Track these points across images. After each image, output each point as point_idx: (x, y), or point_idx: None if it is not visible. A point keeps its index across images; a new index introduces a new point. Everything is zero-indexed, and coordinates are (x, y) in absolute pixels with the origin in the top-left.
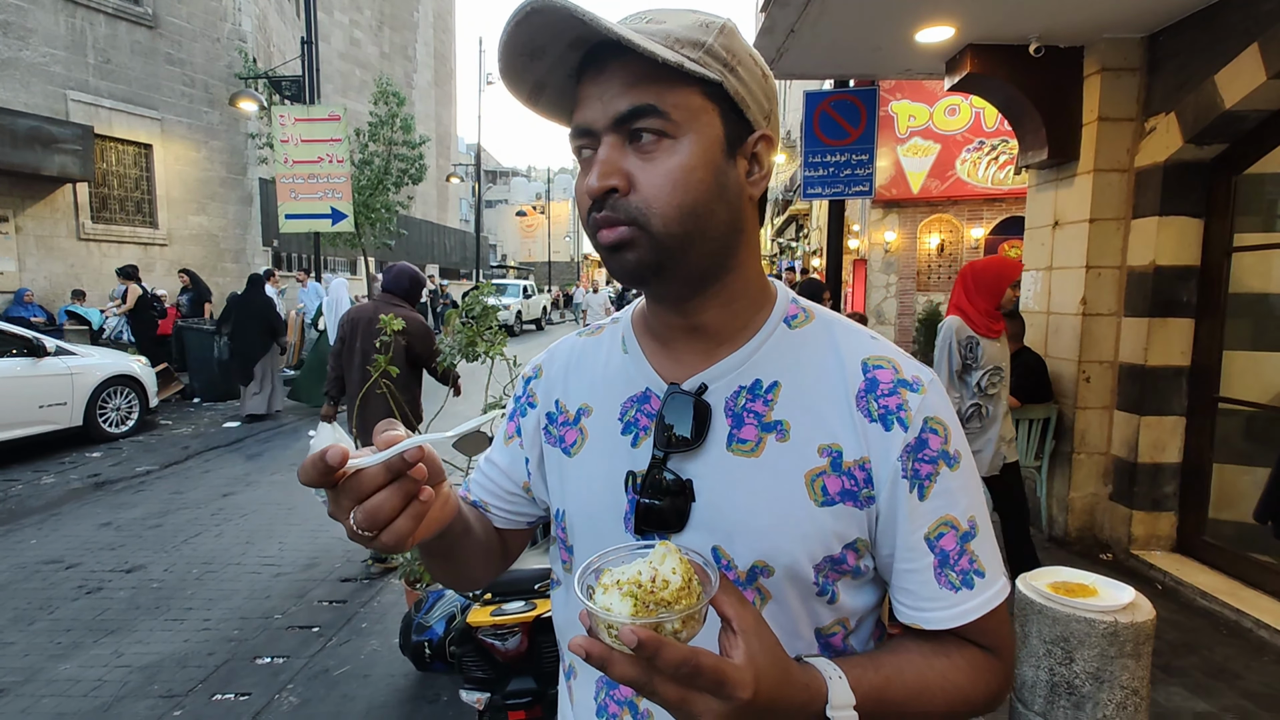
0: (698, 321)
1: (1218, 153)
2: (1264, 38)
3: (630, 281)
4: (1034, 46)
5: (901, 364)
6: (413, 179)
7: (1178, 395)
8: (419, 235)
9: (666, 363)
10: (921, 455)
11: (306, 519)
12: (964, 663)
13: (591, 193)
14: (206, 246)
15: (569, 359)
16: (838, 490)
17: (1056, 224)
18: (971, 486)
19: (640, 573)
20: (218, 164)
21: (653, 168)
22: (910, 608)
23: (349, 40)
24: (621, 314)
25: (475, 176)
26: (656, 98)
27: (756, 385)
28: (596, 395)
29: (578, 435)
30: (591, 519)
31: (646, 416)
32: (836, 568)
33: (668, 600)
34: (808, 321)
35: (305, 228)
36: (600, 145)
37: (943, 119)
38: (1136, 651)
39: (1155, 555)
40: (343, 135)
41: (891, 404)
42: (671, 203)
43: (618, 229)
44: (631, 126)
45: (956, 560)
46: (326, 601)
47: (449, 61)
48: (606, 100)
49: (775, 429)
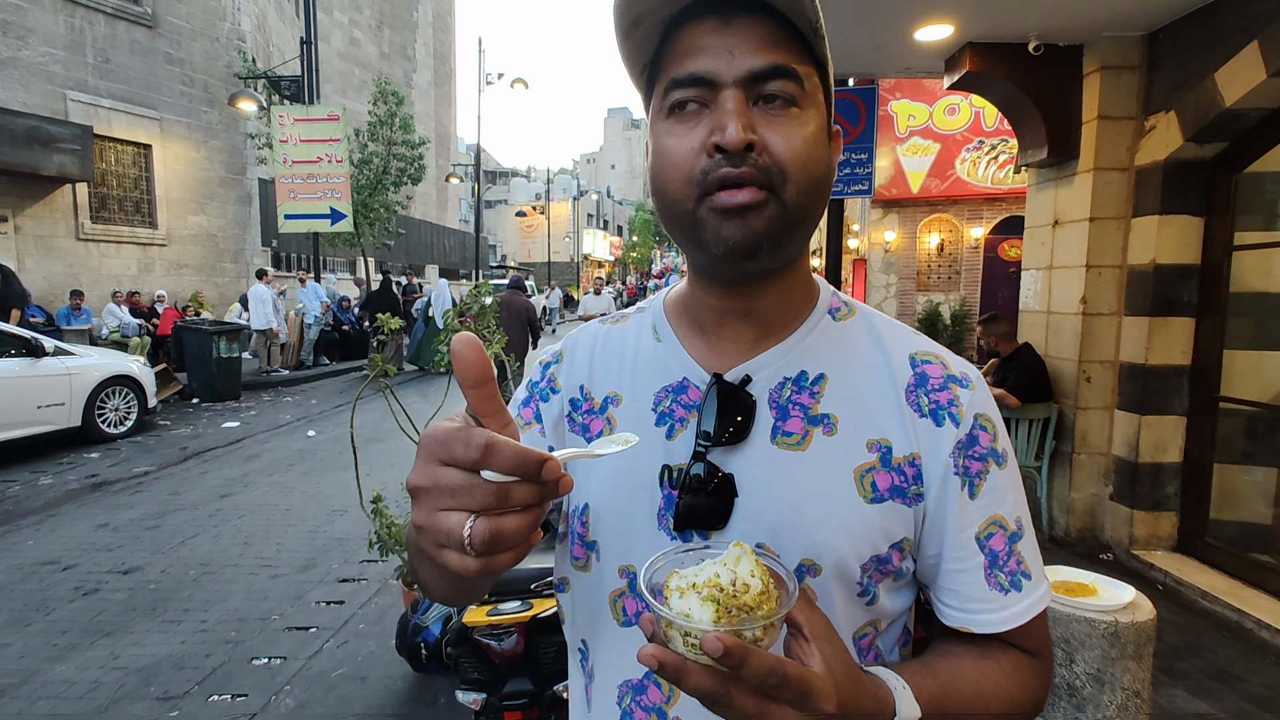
0: (755, 306)
1: (1218, 151)
2: (1263, 35)
3: (750, 247)
4: (1033, 45)
5: (949, 360)
6: (412, 179)
7: (1179, 395)
8: (418, 235)
9: (706, 353)
10: (972, 452)
11: (304, 520)
12: (1012, 668)
13: (732, 144)
14: (206, 247)
15: (594, 345)
16: (887, 487)
17: (1056, 223)
18: (1017, 486)
19: (719, 575)
20: (217, 164)
21: (786, 131)
22: (959, 610)
23: (348, 40)
24: (648, 302)
25: (475, 177)
26: (793, 61)
27: (802, 377)
28: (626, 384)
29: (604, 425)
30: (622, 515)
31: (683, 408)
32: (881, 568)
33: (750, 605)
34: (850, 315)
35: (304, 228)
36: (721, 98)
37: (942, 118)
38: (1138, 653)
39: (1156, 555)
40: (342, 135)
41: (943, 399)
42: (805, 171)
43: (747, 190)
44: (764, 86)
45: (1005, 561)
46: (324, 603)
47: (449, 62)
48: (738, 54)
49: (822, 422)
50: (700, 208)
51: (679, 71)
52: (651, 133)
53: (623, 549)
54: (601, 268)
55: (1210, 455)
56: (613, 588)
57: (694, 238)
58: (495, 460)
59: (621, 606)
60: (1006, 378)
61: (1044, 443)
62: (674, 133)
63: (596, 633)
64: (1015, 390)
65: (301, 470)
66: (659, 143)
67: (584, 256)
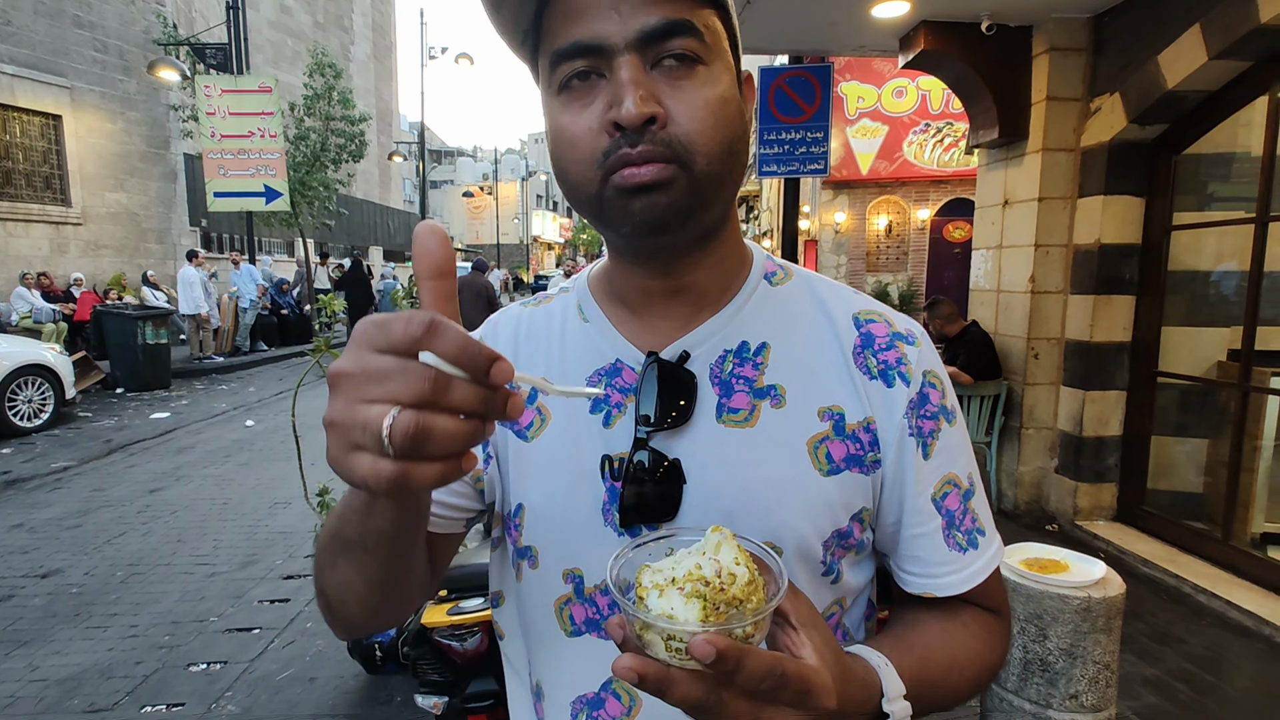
0: (685, 282)
1: (1159, 133)
2: (1205, 19)
3: (652, 229)
4: (986, 24)
5: (893, 317)
6: (353, 156)
7: (1120, 370)
8: (360, 216)
9: (638, 330)
10: (924, 411)
11: (243, 514)
12: (979, 628)
13: (630, 121)
14: (126, 226)
15: (516, 330)
16: (843, 456)
17: (1006, 203)
18: (966, 442)
19: (700, 567)
20: (136, 137)
21: (691, 96)
22: (921, 575)
23: (279, 8)
24: (571, 281)
25: (419, 155)
26: (690, 13)
27: (744, 348)
28: (555, 370)
29: (534, 415)
30: (562, 514)
31: (619, 392)
32: (843, 542)
33: (739, 598)
34: (787, 279)
35: (236, 206)
36: (615, 66)
37: (890, 100)
38: (1108, 626)
39: (1099, 525)
40: (275, 108)
41: (891, 359)
42: (715, 138)
43: (652, 166)
44: (662, 46)
45: (961, 520)
46: (267, 601)
47: (389, 34)
48: (625, 11)
49: (769, 394)
50: (605, 188)
51: (561, 41)
52: (544, 110)
53: (565, 551)
54: (552, 250)
55: (1149, 428)
56: (557, 595)
57: (601, 219)
58: (439, 341)
59: (569, 615)
60: (957, 356)
61: (994, 418)
62: (568, 109)
63: (542, 646)
64: (967, 368)
65: (240, 462)
66: (553, 122)
67: (533, 238)
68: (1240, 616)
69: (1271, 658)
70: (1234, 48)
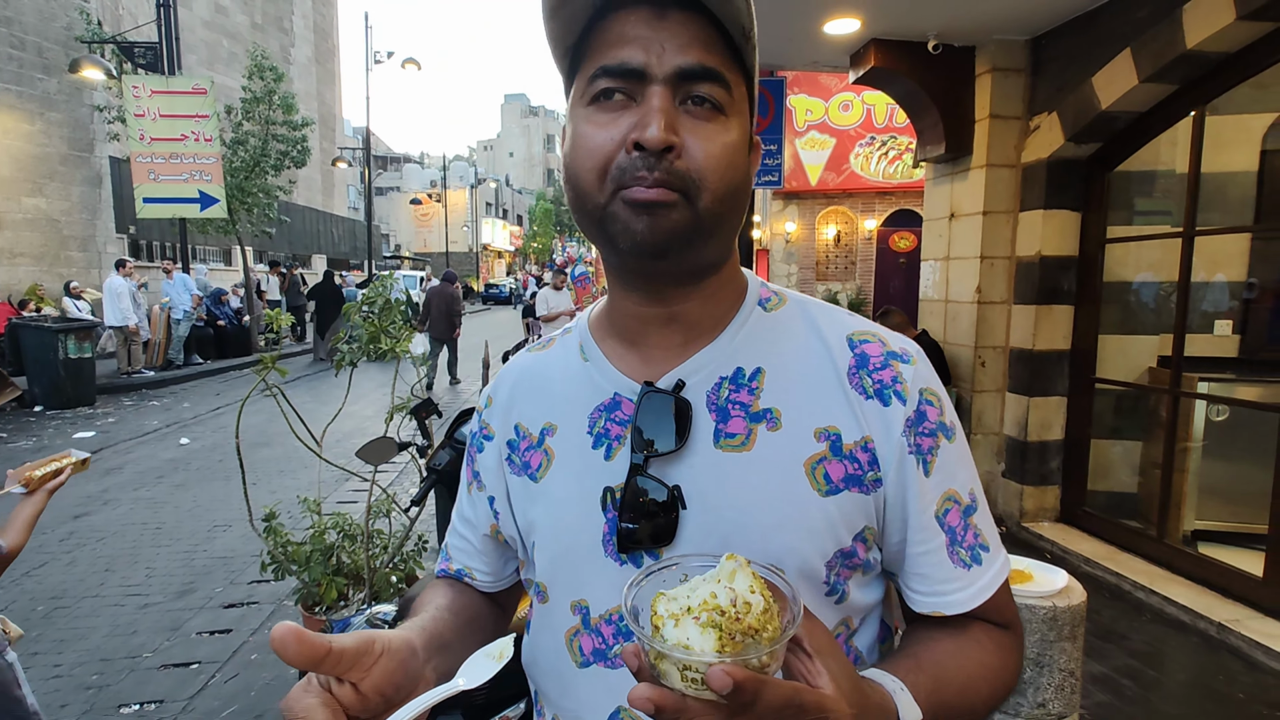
0: (678, 311)
1: (1093, 151)
2: (1136, 44)
3: (657, 245)
4: (932, 44)
5: (887, 337)
6: (294, 162)
7: (1061, 377)
8: (303, 223)
9: (635, 363)
10: (922, 428)
11: (179, 539)
12: (992, 645)
13: (653, 144)
14: (46, 233)
15: (519, 378)
16: (841, 476)
17: (953, 216)
18: (967, 458)
19: (715, 595)
20: (57, 139)
21: (708, 137)
22: (928, 594)
23: (214, 7)
24: (574, 323)
25: (364, 161)
26: (723, 67)
27: (739, 374)
28: (559, 411)
29: (542, 458)
30: (567, 548)
31: (619, 425)
32: (848, 562)
33: (754, 628)
34: (781, 304)
35: (169, 213)
36: (649, 93)
37: (837, 114)
38: (1073, 634)
39: (1044, 526)
40: (211, 111)
41: (886, 377)
42: (722, 179)
43: (660, 190)
44: (692, 88)
45: (963, 536)
46: (207, 633)
47: (331, 37)
48: (670, 49)
49: (765, 418)
50: (613, 202)
51: (608, 59)
52: (570, 118)
53: (572, 583)
54: (502, 258)
55: (1088, 432)
56: (566, 626)
57: (602, 231)
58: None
59: (578, 645)
60: None
61: None
62: (594, 120)
63: (556, 678)
64: None
65: (174, 482)
66: (577, 129)
67: (483, 246)
68: (1176, 611)
69: (1206, 650)
70: (1162, 72)
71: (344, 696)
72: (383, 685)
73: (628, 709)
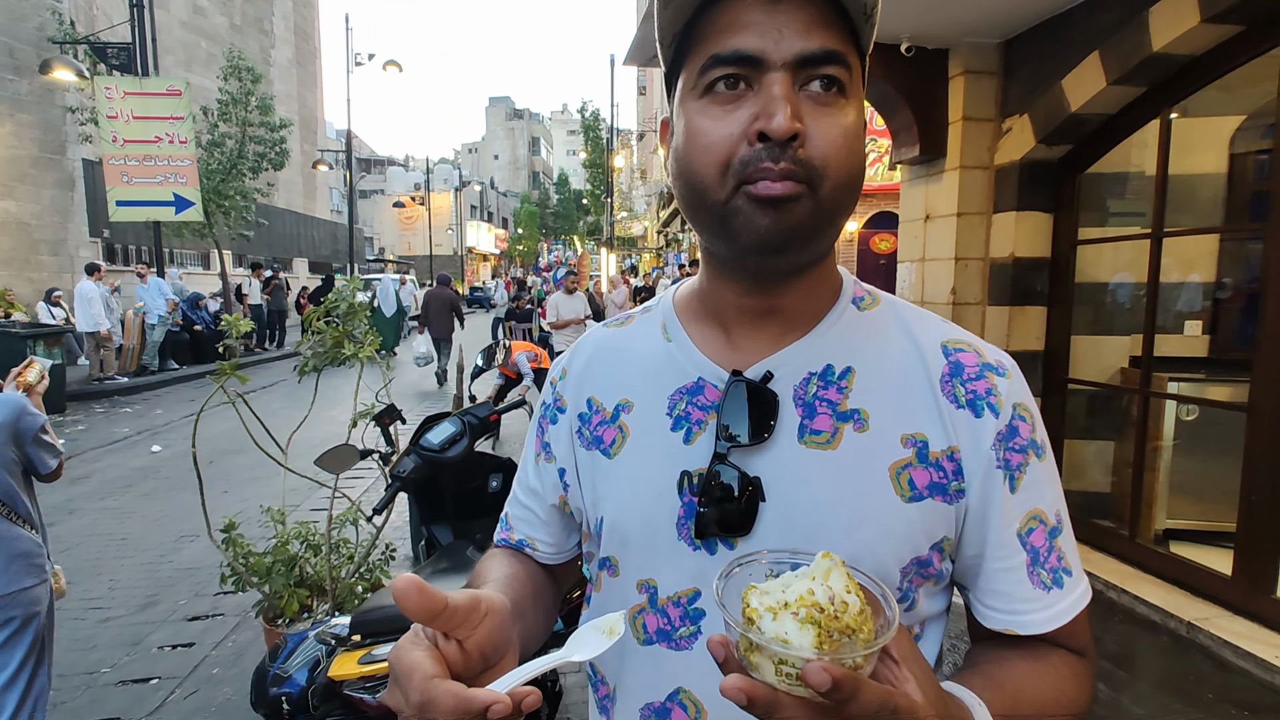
0: (778, 303)
1: (1064, 153)
2: (1103, 47)
3: (774, 250)
4: (905, 46)
5: (983, 348)
6: (273, 164)
7: (1034, 377)
8: (283, 226)
9: (723, 350)
10: (1012, 444)
11: (144, 550)
12: (1067, 670)
13: (780, 133)
14: (16, 236)
15: (596, 352)
16: (925, 484)
17: (928, 217)
18: (1055, 478)
19: (812, 591)
20: (27, 141)
21: (830, 122)
22: (1003, 611)
23: (192, 8)
24: (655, 301)
25: (346, 164)
26: (842, 47)
27: (828, 371)
28: (637, 389)
29: (616, 434)
30: (640, 527)
31: (701, 410)
32: (922, 571)
33: (851, 627)
34: (876, 304)
35: (142, 216)
36: (768, 81)
37: None
38: None
39: None
40: (186, 113)
41: (980, 389)
42: (845, 166)
43: (786, 183)
44: (815, 71)
45: (1046, 557)
46: (168, 647)
47: (312, 39)
48: (788, 33)
49: (852, 418)
50: (736, 197)
51: (722, 47)
52: (681, 111)
53: (641, 562)
54: (487, 261)
55: (1061, 432)
56: (633, 603)
57: (723, 227)
58: (434, 714)
59: (642, 624)
60: None
61: None
62: (709, 113)
63: (616, 653)
64: None
65: (142, 491)
66: (692, 123)
67: (468, 249)
68: (1147, 611)
69: (1177, 650)
70: (1129, 74)
71: (449, 652)
72: (484, 644)
73: (687, 690)
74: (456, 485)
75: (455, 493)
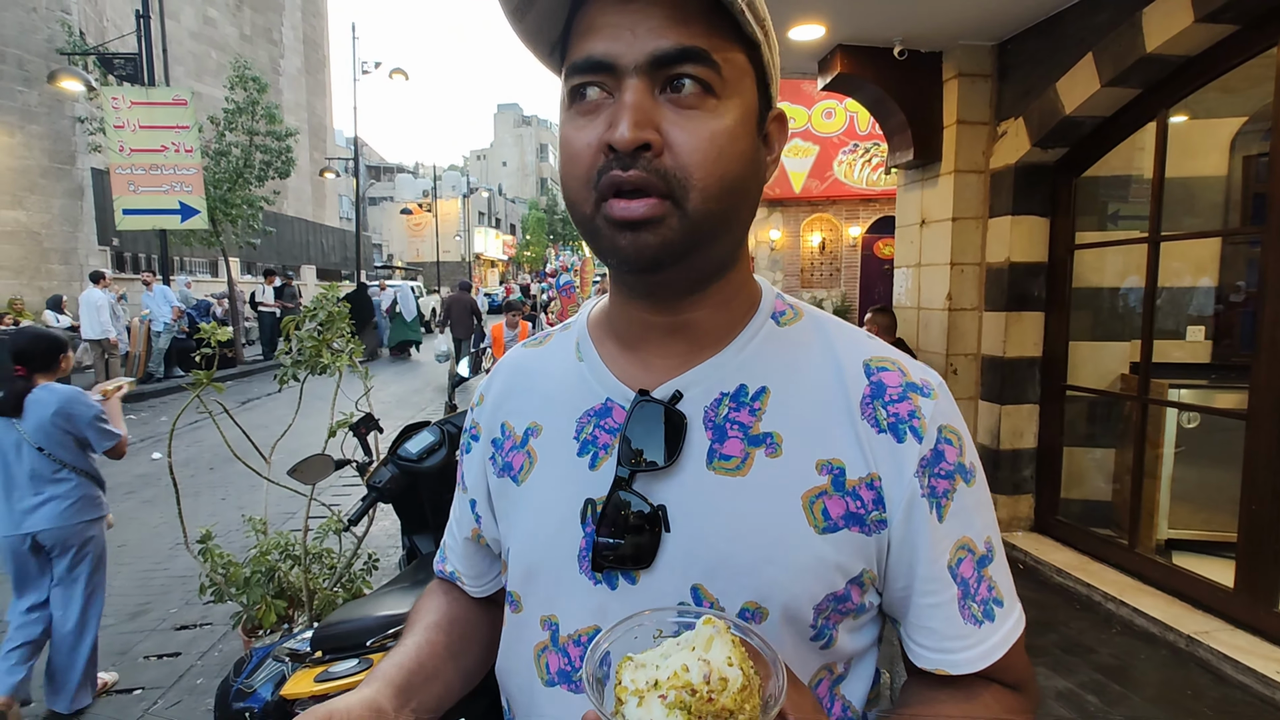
0: (684, 320)
1: (1060, 156)
2: (1097, 48)
3: (642, 269)
4: (897, 49)
5: (908, 366)
6: (279, 172)
7: (1032, 384)
8: (291, 234)
9: (632, 369)
10: (938, 470)
11: (140, 558)
12: (1000, 709)
13: (622, 145)
14: (26, 246)
15: (511, 375)
16: (841, 514)
17: (924, 222)
18: (986, 504)
19: (686, 668)
20: (37, 151)
21: (694, 126)
22: (934, 650)
23: (202, 19)
24: (574, 319)
25: (354, 172)
26: (709, 44)
27: (741, 391)
28: (547, 412)
29: (524, 459)
30: (544, 558)
31: (607, 433)
32: (839, 607)
33: (729, 709)
34: (796, 319)
35: (149, 224)
36: (623, 88)
37: (820, 121)
38: None
39: (1017, 536)
40: (191, 122)
41: (902, 411)
42: (714, 173)
43: (644, 200)
44: (672, 72)
45: (976, 589)
46: (154, 656)
47: (321, 48)
48: (641, 34)
49: (765, 442)
50: (597, 215)
51: (577, 55)
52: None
53: (544, 596)
54: (495, 267)
55: (1060, 439)
56: (535, 640)
57: (594, 244)
58: None
59: (545, 663)
60: None
61: None
62: (574, 123)
63: (523, 692)
64: None
65: (143, 499)
66: (562, 134)
67: (476, 256)
68: (1146, 623)
69: (1175, 664)
70: (1123, 76)
71: None
72: None
73: None
74: (436, 495)
75: (435, 503)
